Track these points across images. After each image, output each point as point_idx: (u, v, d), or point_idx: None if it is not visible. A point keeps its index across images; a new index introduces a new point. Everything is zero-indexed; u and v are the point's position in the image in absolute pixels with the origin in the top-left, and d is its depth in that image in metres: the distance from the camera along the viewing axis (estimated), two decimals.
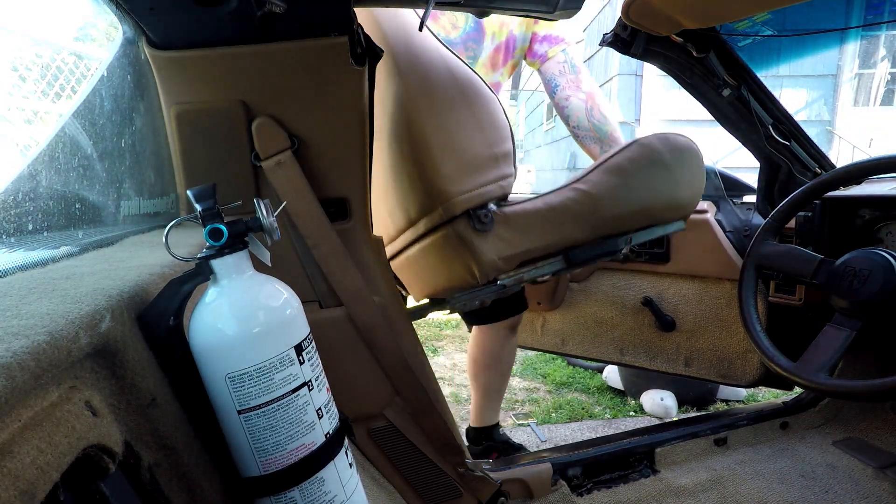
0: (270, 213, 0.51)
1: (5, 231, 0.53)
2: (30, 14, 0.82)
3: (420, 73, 0.91)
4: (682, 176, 1.10)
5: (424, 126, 0.90)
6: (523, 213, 0.96)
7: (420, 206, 0.96)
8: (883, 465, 1.23)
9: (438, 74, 0.91)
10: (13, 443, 0.27)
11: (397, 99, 0.91)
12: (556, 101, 1.39)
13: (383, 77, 0.92)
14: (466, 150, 0.93)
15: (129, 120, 0.74)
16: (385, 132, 0.98)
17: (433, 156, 0.90)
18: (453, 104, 0.93)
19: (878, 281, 0.85)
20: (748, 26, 1.29)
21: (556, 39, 1.36)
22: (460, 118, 0.92)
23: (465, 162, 0.92)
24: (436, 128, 0.91)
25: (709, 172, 1.64)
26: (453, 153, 0.92)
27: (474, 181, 0.93)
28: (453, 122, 0.92)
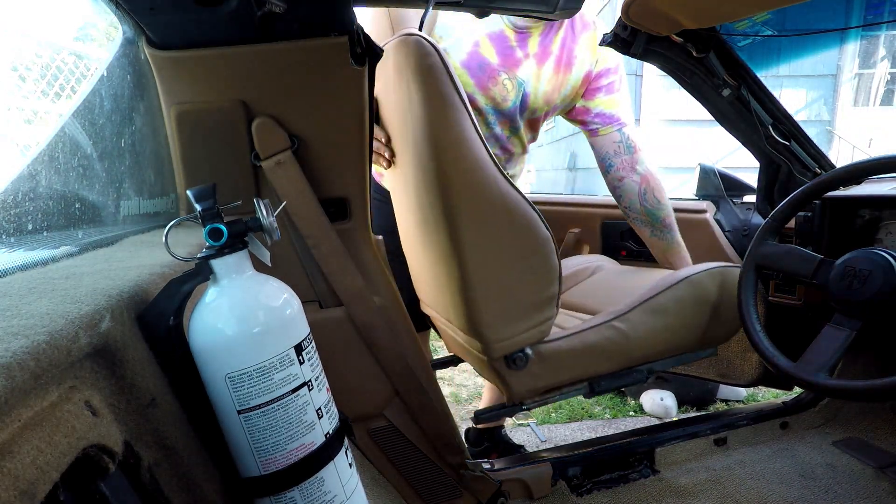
0: (270, 212, 0.51)
1: (5, 231, 0.53)
2: (30, 14, 0.82)
3: (472, 199, 0.83)
4: (726, 314, 1.08)
5: (469, 259, 0.84)
6: (557, 352, 0.95)
7: (461, 326, 0.94)
8: (883, 465, 1.23)
9: (492, 204, 0.84)
10: (13, 443, 0.27)
11: (446, 218, 0.83)
12: (608, 179, 1.35)
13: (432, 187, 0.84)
14: (511, 295, 0.89)
15: (129, 120, 0.74)
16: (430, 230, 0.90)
17: (475, 297, 0.86)
18: (504, 241, 0.86)
19: (878, 281, 0.85)
20: (748, 26, 1.29)
21: (610, 118, 1.30)
22: (509, 259, 0.87)
23: (508, 308, 0.89)
24: (482, 264, 0.85)
25: (709, 172, 1.64)
26: (497, 297, 0.88)
27: (514, 328, 0.90)
28: (501, 261, 0.87)
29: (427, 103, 0.79)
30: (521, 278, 0.89)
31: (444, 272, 0.91)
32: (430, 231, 0.90)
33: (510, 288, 0.88)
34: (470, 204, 0.83)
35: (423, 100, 0.79)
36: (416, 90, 0.79)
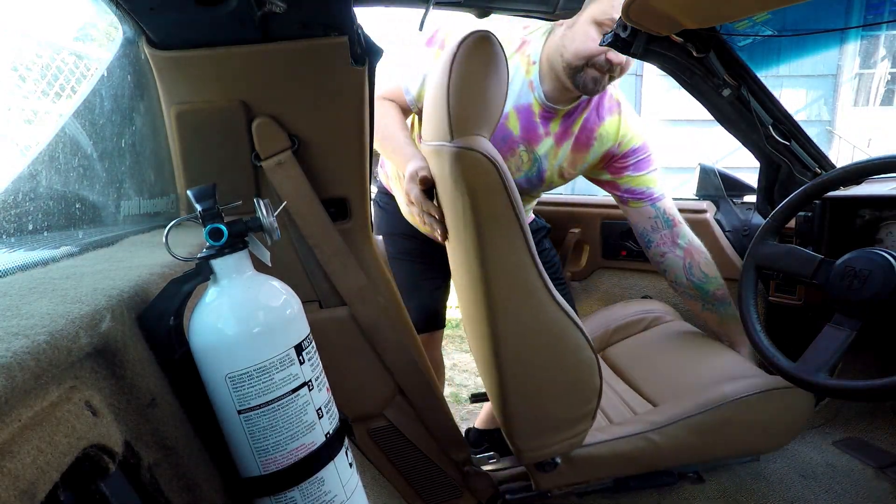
0: (270, 212, 0.51)
1: (6, 231, 0.53)
2: (30, 14, 0.82)
3: (518, 322, 0.80)
4: (776, 431, 1.03)
5: (508, 370, 0.82)
6: (588, 458, 0.94)
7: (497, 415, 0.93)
8: (883, 465, 1.23)
9: (539, 330, 0.82)
10: (13, 443, 0.27)
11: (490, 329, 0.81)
12: (649, 254, 1.30)
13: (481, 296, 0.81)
14: (547, 410, 0.87)
15: (129, 120, 0.74)
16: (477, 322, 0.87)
17: (510, 406, 0.85)
18: (546, 362, 0.84)
19: (878, 281, 0.85)
20: (748, 26, 1.29)
21: (641, 194, 1.25)
22: (549, 377, 0.85)
23: (542, 421, 0.87)
24: (520, 378, 0.83)
25: (709, 172, 1.64)
26: (532, 410, 0.86)
27: (547, 440, 0.88)
28: (541, 378, 0.84)
29: (481, 224, 0.76)
30: (560, 396, 0.86)
31: (486, 362, 0.88)
32: (476, 322, 0.87)
33: (547, 403, 0.86)
34: (515, 326, 0.80)
35: (477, 219, 0.76)
36: (470, 207, 0.76)
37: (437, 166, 0.85)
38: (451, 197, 0.82)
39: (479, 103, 0.78)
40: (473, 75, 0.76)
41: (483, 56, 0.76)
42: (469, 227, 0.77)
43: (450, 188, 0.80)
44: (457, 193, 0.78)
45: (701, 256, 1.24)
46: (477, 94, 0.77)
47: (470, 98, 0.77)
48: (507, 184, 0.75)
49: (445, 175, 0.80)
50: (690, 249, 1.24)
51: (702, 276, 1.23)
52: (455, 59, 0.76)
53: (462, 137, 0.76)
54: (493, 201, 0.75)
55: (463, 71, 0.76)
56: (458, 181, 0.76)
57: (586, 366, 0.85)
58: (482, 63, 0.77)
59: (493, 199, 0.75)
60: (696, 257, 1.23)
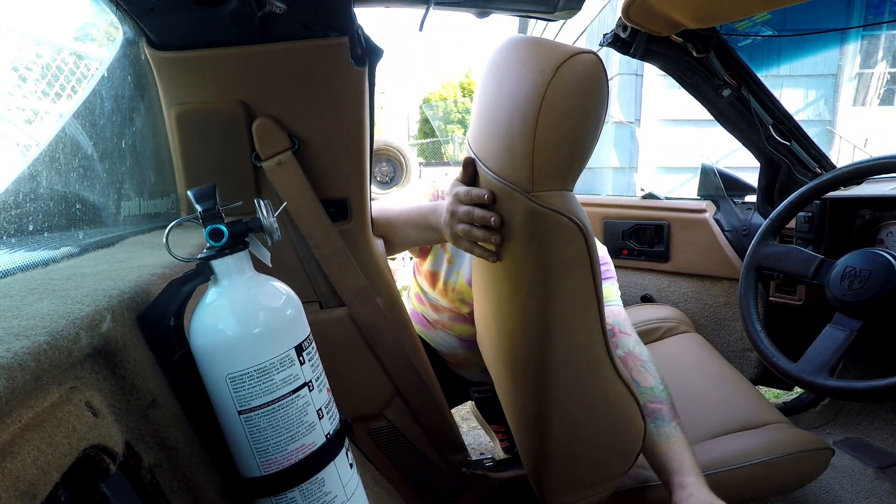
0: (271, 213, 0.51)
1: (6, 232, 0.53)
2: (30, 14, 0.82)
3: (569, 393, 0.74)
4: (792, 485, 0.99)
5: (550, 432, 0.75)
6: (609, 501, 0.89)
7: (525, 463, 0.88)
8: (883, 466, 1.23)
9: (594, 405, 0.75)
10: (14, 443, 0.27)
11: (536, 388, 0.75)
12: None
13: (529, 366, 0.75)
14: (585, 470, 0.81)
15: (130, 120, 0.74)
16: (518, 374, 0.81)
17: (547, 467, 0.79)
18: (594, 423, 0.77)
19: (878, 281, 0.85)
20: (748, 26, 1.29)
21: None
22: (594, 441, 0.78)
23: (578, 480, 0.82)
24: (561, 437, 0.76)
25: (709, 172, 1.64)
26: (570, 468, 0.80)
27: (579, 494, 0.83)
28: (585, 441, 0.78)
29: (553, 296, 0.65)
30: (603, 459, 0.81)
31: (525, 419, 0.82)
32: (517, 378, 0.80)
33: (588, 465, 0.81)
34: (571, 395, 0.73)
35: (548, 289, 0.65)
36: (542, 280, 0.65)
37: (501, 206, 0.70)
38: (512, 248, 0.70)
39: (572, 150, 0.62)
40: (572, 113, 0.59)
41: (588, 87, 0.59)
42: (534, 294, 0.67)
43: (516, 241, 0.68)
44: (525, 253, 0.67)
45: (636, 363, 1.04)
46: (571, 138, 0.61)
47: (562, 143, 0.61)
48: (593, 257, 0.64)
49: (512, 224, 0.68)
50: (627, 357, 1.06)
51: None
52: (551, 86, 0.58)
53: (545, 192, 0.62)
54: (574, 276, 0.65)
55: (560, 107, 0.58)
56: (532, 244, 0.65)
57: (635, 434, 0.80)
58: (584, 97, 0.59)
59: (575, 274, 0.64)
60: (630, 364, 1.04)
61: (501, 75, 0.68)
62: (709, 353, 1.27)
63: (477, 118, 0.76)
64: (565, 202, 0.63)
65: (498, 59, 0.71)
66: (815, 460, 0.96)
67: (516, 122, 0.62)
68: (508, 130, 0.65)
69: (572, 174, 0.64)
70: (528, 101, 0.60)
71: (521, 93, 0.62)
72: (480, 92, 0.76)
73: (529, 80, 0.60)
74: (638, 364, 1.03)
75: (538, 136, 0.60)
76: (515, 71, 0.65)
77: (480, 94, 0.75)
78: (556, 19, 1.16)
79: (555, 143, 0.60)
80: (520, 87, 0.62)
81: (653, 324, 1.37)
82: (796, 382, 0.91)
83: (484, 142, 0.72)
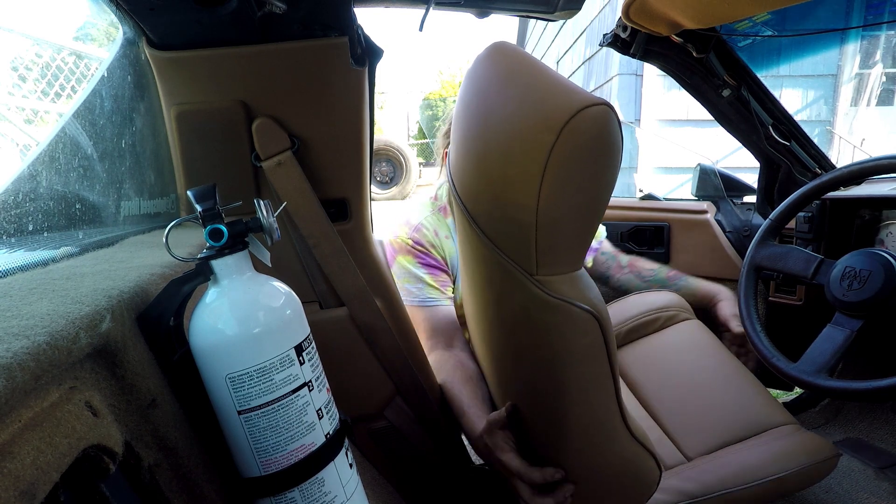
0: (271, 213, 0.51)
1: (6, 231, 0.53)
2: (30, 14, 0.82)
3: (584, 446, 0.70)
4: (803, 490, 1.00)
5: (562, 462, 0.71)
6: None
7: None
8: (883, 466, 1.23)
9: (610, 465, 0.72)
10: (13, 443, 0.27)
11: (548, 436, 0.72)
12: (610, 286, 1.54)
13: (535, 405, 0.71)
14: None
15: (130, 120, 0.74)
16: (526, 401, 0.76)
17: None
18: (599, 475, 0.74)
19: (878, 281, 0.85)
20: (748, 26, 1.29)
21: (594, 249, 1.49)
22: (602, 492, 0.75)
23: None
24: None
25: (709, 172, 1.64)
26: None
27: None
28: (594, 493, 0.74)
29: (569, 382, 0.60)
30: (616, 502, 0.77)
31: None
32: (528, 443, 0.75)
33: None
34: (580, 466, 0.69)
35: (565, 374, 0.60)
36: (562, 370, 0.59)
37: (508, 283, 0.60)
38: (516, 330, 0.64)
39: (583, 226, 0.53)
40: (582, 183, 0.49)
41: (600, 147, 0.48)
42: (543, 380, 0.63)
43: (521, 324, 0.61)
44: (532, 340, 0.61)
45: (640, 262, 1.50)
46: (582, 213, 0.51)
47: (571, 220, 0.51)
48: (610, 344, 0.58)
49: (514, 305, 0.60)
50: (632, 263, 1.50)
51: (649, 272, 1.46)
52: (555, 151, 0.46)
53: (553, 277, 0.54)
54: (589, 365, 0.59)
55: (567, 177, 0.48)
56: (540, 331, 0.58)
57: (648, 484, 0.76)
58: (596, 161, 0.49)
59: (589, 363, 0.59)
60: (638, 265, 1.49)
61: (490, 108, 0.55)
62: (709, 344, 1.23)
63: (462, 157, 0.61)
64: (577, 288, 0.55)
65: (485, 83, 0.58)
66: (825, 469, 0.96)
67: (512, 187, 0.51)
68: (503, 192, 0.53)
69: (583, 251, 0.56)
70: (527, 164, 0.49)
71: (516, 148, 0.50)
72: (464, 117, 0.62)
73: (529, 137, 0.49)
74: (642, 262, 1.49)
75: (541, 212, 0.49)
76: (509, 111, 0.52)
77: (464, 121, 0.61)
78: (556, 19, 1.16)
79: (562, 222, 0.51)
80: (515, 138, 0.50)
81: (651, 314, 1.34)
82: (796, 383, 0.91)
83: (472, 191, 0.60)
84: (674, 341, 1.28)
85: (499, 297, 0.64)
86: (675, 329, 1.31)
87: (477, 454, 0.80)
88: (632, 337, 1.31)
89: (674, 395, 1.12)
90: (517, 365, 0.70)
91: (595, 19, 5.81)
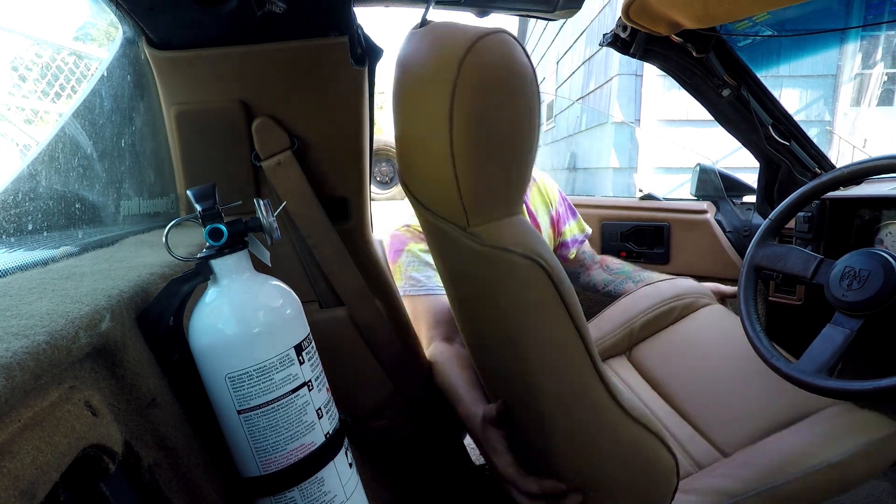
0: (270, 213, 0.51)
1: (5, 231, 0.53)
2: (30, 14, 0.82)
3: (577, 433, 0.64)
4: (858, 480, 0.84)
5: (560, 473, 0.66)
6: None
7: None
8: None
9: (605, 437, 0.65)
10: (13, 443, 0.27)
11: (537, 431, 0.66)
12: (580, 284, 1.48)
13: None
14: None
15: (129, 120, 0.74)
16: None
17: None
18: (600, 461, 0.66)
19: (878, 281, 0.85)
20: (748, 26, 1.29)
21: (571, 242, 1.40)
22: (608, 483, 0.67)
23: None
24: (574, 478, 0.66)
25: (709, 172, 1.64)
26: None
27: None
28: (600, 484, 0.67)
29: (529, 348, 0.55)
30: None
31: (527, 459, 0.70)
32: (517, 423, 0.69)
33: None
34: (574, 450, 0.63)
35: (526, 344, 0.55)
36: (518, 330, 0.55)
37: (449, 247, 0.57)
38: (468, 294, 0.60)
39: (504, 164, 0.50)
40: (492, 116, 0.47)
41: (505, 76, 0.46)
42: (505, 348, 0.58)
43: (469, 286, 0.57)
44: (482, 301, 0.57)
45: (606, 258, 1.45)
46: (499, 149, 0.48)
47: (489, 159, 0.48)
48: (565, 295, 0.52)
49: (460, 266, 0.58)
50: (602, 260, 1.45)
51: (618, 265, 1.41)
52: (458, 86, 0.45)
53: (485, 226, 0.51)
54: (546, 322, 0.53)
55: (475, 111, 0.46)
56: (486, 289, 0.54)
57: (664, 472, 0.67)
58: (504, 91, 0.47)
59: (545, 319, 0.53)
60: (605, 260, 1.44)
61: (410, 77, 0.53)
62: (736, 328, 1.08)
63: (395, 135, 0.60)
64: (514, 233, 0.51)
65: (404, 58, 0.55)
66: (888, 448, 0.82)
67: (429, 139, 0.49)
68: (423, 149, 0.51)
69: (516, 193, 0.52)
70: (435, 108, 0.47)
71: (426, 99, 0.48)
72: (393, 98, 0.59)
73: (433, 83, 0.47)
74: (608, 258, 1.43)
75: (456, 154, 0.46)
76: (419, 70, 0.50)
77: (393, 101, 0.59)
78: (556, 19, 1.16)
79: (480, 162, 0.48)
80: (423, 91, 0.49)
81: (665, 305, 1.20)
82: (795, 383, 0.91)
83: (409, 165, 0.58)
84: (695, 330, 1.16)
85: (451, 267, 0.60)
86: (694, 317, 1.18)
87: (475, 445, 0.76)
88: (647, 332, 1.19)
89: (702, 389, 1.00)
90: (482, 341, 0.65)
91: (595, 19, 5.81)
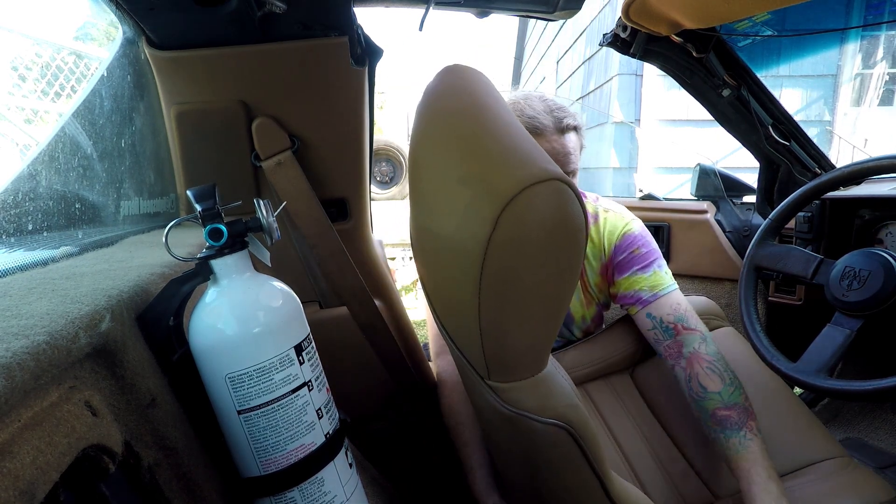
0: (270, 213, 0.51)
1: (5, 231, 0.53)
2: (30, 14, 0.82)
3: None
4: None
5: None
6: None
7: None
8: (883, 466, 1.23)
9: None
10: (13, 443, 0.27)
11: None
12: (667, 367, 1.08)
13: None
14: None
15: (129, 120, 0.74)
16: None
17: None
18: None
19: (879, 281, 0.85)
20: (748, 26, 1.29)
21: (630, 297, 1.03)
22: None
23: None
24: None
25: (709, 173, 1.64)
26: None
27: None
28: None
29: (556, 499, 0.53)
30: None
31: None
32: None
33: None
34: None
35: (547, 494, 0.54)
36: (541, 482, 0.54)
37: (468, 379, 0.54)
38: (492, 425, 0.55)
39: (534, 332, 0.44)
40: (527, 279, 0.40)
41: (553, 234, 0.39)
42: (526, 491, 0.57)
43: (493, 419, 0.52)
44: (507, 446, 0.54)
45: (702, 365, 0.95)
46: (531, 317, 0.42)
47: (519, 327, 0.43)
48: (590, 454, 0.49)
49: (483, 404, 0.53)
50: (692, 358, 0.96)
51: (699, 390, 0.92)
52: (493, 240, 0.38)
53: (507, 385, 0.47)
54: (569, 473, 0.50)
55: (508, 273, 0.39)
56: (508, 437, 0.51)
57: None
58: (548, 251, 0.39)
59: (568, 476, 0.50)
60: (696, 367, 0.95)
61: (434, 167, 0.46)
62: (745, 355, 1.06)
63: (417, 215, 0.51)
64: (537, 396, 0.47)
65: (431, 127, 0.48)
66: None
67: (454, 279, 0.43)
68: (450, 280, 0.45)
69: (543, 351, 0.47)
70: (465, 262, 0.40)
71: (455, 235, 0.41)
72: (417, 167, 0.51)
73: (465, 223, 0.40)
74: (704, 366, 0.94)
75: (483, 319, 0.41)
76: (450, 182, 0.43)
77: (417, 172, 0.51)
78: (556, 19, 1.16)
79: (509, 326, 0.42)
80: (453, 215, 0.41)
81: None
82: (795, 383, 0.91)
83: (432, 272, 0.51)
84: None
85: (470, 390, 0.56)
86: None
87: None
88: (650, 354, 1.12)
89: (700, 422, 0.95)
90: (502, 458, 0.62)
91: (595, 19, 5.81)
